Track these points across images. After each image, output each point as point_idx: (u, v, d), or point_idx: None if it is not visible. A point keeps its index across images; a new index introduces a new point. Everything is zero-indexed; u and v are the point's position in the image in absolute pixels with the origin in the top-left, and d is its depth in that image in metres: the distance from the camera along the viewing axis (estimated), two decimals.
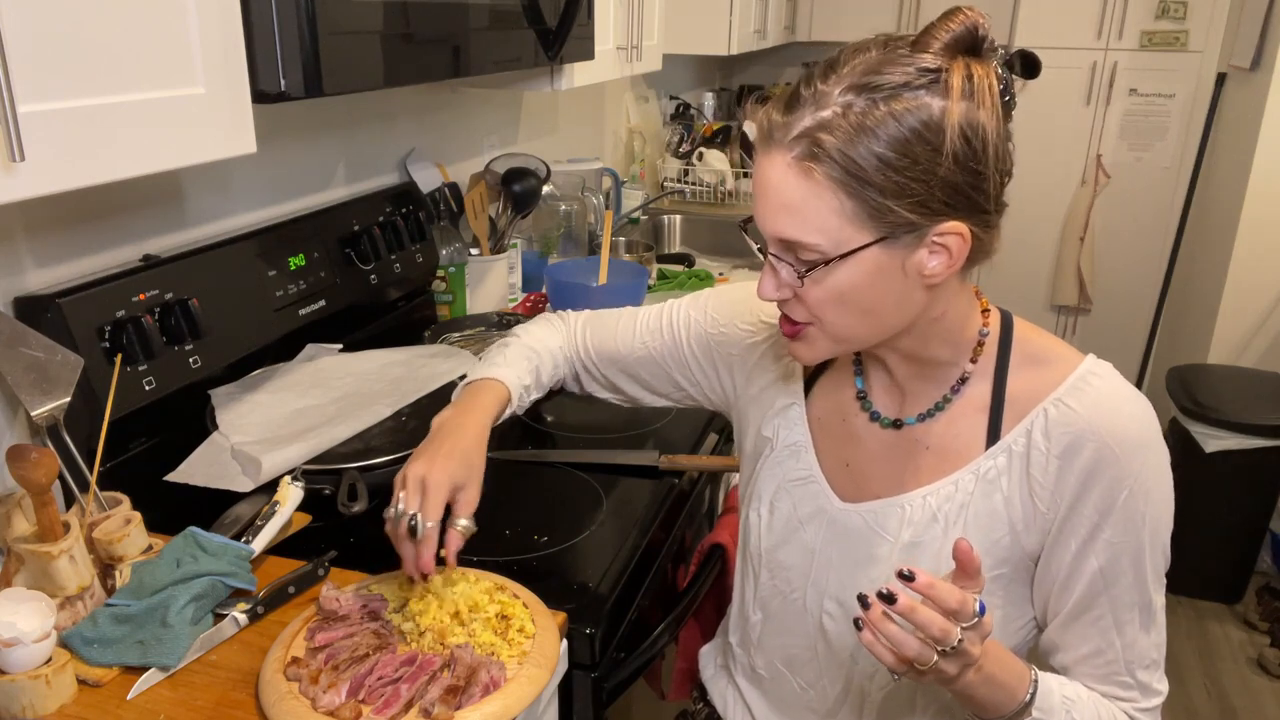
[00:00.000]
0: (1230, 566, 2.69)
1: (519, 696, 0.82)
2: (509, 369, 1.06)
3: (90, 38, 0.74)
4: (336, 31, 0.97)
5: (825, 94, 0.76)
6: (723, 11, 2.90)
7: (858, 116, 0.74)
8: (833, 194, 0.76)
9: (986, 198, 0.78)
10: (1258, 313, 2.98)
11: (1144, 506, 0.82)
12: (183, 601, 0.90)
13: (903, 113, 0.74)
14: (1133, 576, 0.83)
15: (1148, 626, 0.85)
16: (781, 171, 0.78)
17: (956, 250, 0.78)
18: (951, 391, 0.89)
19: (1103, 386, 0.83)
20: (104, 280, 1.12)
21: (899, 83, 0.75)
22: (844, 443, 0.95)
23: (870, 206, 0.76)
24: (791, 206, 0.78)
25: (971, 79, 0.75)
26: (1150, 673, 0.86)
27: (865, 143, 0.74)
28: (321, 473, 1.14)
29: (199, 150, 0.86)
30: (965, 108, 0.75)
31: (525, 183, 1.92)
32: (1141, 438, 0.82)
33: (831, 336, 0.84)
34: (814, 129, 0.75)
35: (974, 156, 0.76)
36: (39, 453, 0.88)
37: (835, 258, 0.78)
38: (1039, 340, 0.89)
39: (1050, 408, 0.84)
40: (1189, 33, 3.41)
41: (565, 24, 1.45)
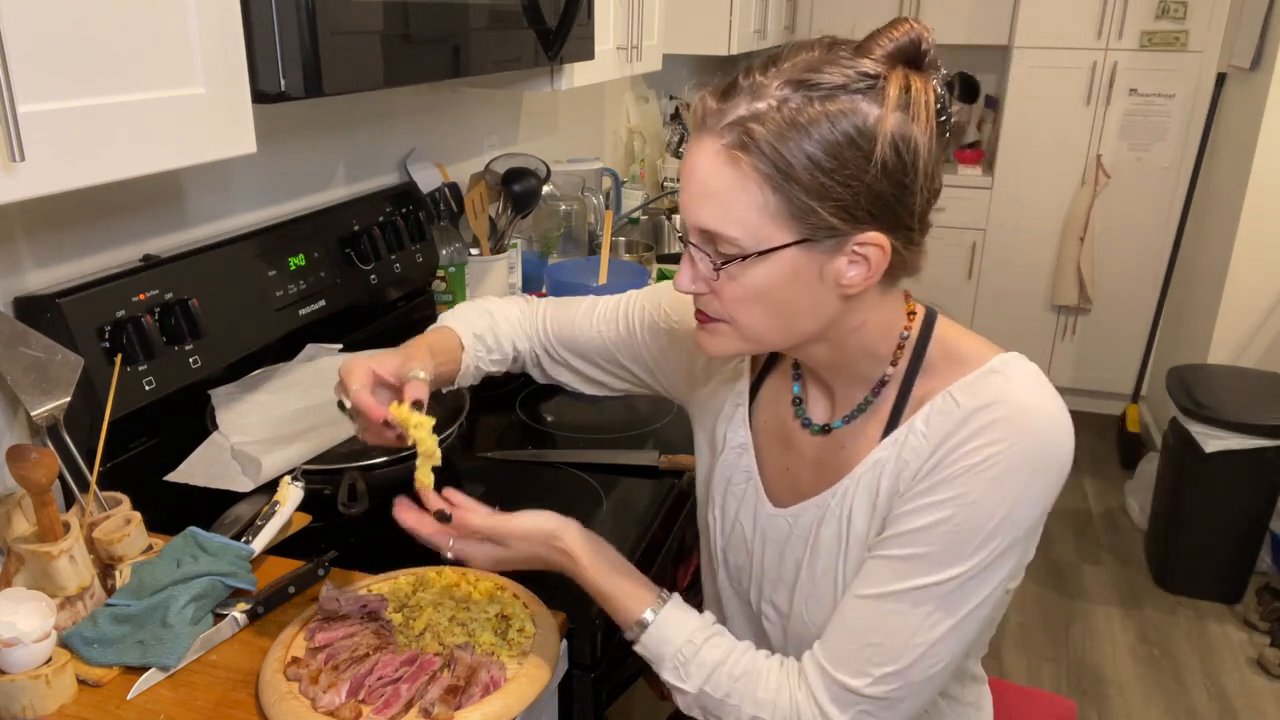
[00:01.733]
0: (1230, 566, 2.69)
1: (519, 696, 0.82)
2: (457, 320, 1.10)
3: (90, 38, 0.74)
4: (336, 31, 0.97)
5: (762, 86, 0.76)
6: (723, 11, 2.90)
7: (792, 112, 0.74)
8: (758, 187, 0.75)
9: (910, 214, 0.77)
10: (1258, 313, 2.99)
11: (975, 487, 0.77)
12: (183, 601, 0.90)
13: (837, 114, 0.73)
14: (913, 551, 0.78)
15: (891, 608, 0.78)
16: (709, 158, 0.77)
17: (875, 262, 0.77)
18: (873, 394, 0.88)
19: (1006, 378, 0.80)
20: (104, 280, 1.11)
21: (837, 84, 0.74)
22: (784, 448, 0.95)
23: (794, 205, 0.75)
24: (715, 195, 0.77)
25: (909, 91, 0.75)
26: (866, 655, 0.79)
27: (796, 139, 0.73)
28: (321, 473, 1.14)
29: (199, 150, 0.86)
30: (899, 119, 0.74)
31: (525, 183, 1.92)
32: (1026, 426, 0.77)
33: (742, 335, 0.83)
34: (746, 119, 0.75)
35: (903, 169, 0.75)
36: (39, 453, 0.88)
37: (753, 254, 0.77)
38: (957, 339, 0.86)
39: (939, 399, 0.82)
40: (1189, 33, 3.41)
41: (565, 24, 1.45)
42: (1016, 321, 3.81)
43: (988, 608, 0.80)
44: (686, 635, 0.85)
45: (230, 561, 0.97)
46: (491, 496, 1.07)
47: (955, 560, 0.78)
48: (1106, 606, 2.69)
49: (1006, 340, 0.84)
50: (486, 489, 1.28)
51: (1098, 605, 2.70)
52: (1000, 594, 0.81)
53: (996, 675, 2.12)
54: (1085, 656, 2.49)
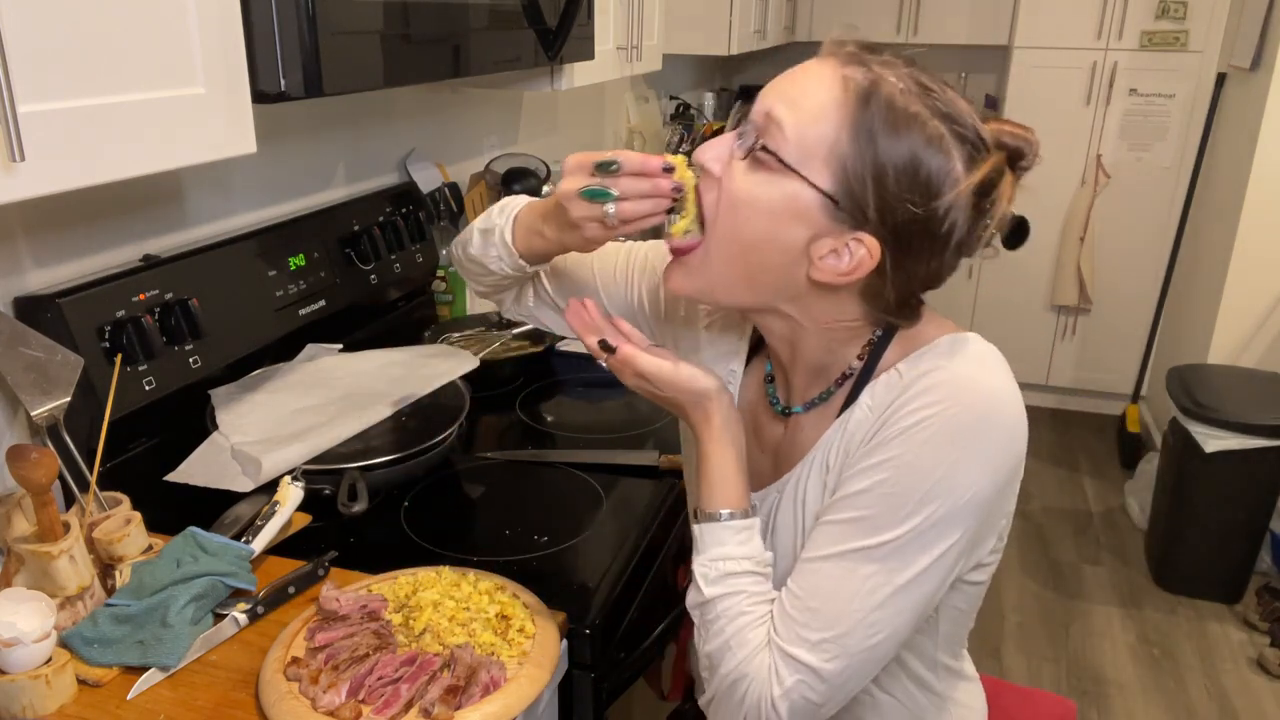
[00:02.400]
0: (1230, 566, 2.69)
1: (519, 696, 0.82)
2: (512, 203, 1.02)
3: (90, 38, 0.74)
4: (336, 31, 0.97)
5: (896, 66, 0.77)
6: (723, 11, 2.90)
7: (911, 101, 0.74)
8: (844, 128, 0.74)
9: (914, 262, 0.77)
10: (1258, 313, 2.98)
11: (907, 449, 0.76)
12: (183, 601, 0.90)
13: (936, 138, 0.74)
14: (854, 514, 0.78)
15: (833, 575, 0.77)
16: (826, 73, 0.77)
17: (857, 263, 0.77)
18: (835, 385, 0.87)
19: (949, 350, 0.80)
20: (104, 280, 1.12)
21: (949, 112, 0.75)
22: (756, 431, 0.96)
23: (853, 167, 0.74)
24: (799, 102, 0.76)
25: (996, 182, 0.76)
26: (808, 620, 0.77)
27: (899, 124, 0.74)
28: (321, 473, 1.14)
29: (199, 150, 0.86)
30: (969, 196, 0.75)
31: (525, 183, 1.92)
32: (966, 393, 0.76)
33: (707, 265, 0.81)
34: (881, 74, 0.76)
35: (940, 229, 0.75)
36: (39, 453, 0.88)
37: (789, 165, 0.76)
38: (920, 326, 0.85)
39: (886, 374, 0.82)
40: (1189, 33, 3.41)
41: (565, 24, 1.45)
42: (1016, 321, 3.81)
43: (932, 584, 0.78)
44: (743, 552, 0.83)
45: (230, 561, 0.97)
46: (491, 496, 1.08)
47: (891, 524, 0.76)
48: (1106, 606, 2.69)
49: (1006, 340, 0.83)
50: (486, 489, 1.28)
51: (1098, 605, 2.70)
52: (950, 576, 0.79)
53: (996, 675, 2.12)
54: (1085, 656, 2.49)
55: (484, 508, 1.24)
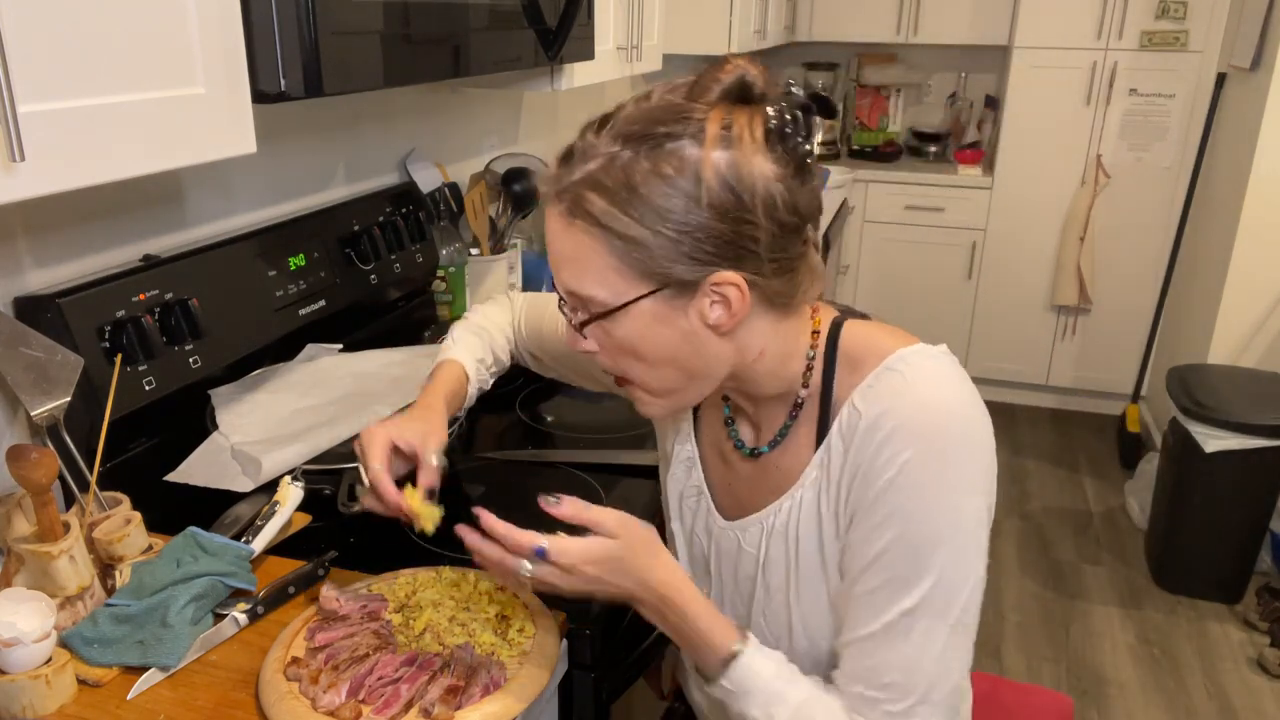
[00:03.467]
0: (1230, 566, 2.69)
1: (519, 696, 0.82)
2: (458, 349, 1.12)
3: (90, 38, 0.74)
4: (336, 31, 0.97)
5: (593, 146, 0.76)
6: (723, 11, 2.90)
7: (618, 170, 0.74)
8: (598, 248, 0.76)
9: (759, 245, 0.76)
10: (1258, 313, 2.98)
11: (909, 501, 0.77)
12: (183, 601, 0.90)
13: (660, 163, 0.73)
14: (885, 577, 0.79)
15: (895, 640, 0.78)
16: (555, 226, 0.79)
17: (735, 301, 0.77)
18: (790, 417, 0.88)
19: (900, 376, 0.80)
20: (104, 280, 1.12)
21: (664, 133, 0.74)
22: (724, 467, 0.97)
23: (635, 260, 0.75)
24: (568, 259, 0.79)
25: (730, 127, 0.74)
26: (890, 694, 0.78)
27: (624, 197, 0.74)
28: (321, 473, 1.14)
29: (199, 150, 0.86)
30: (725, 156, 0.73)
31: (525, 183, 1.92)
32: (924, 425, 0.77)
33: (651, 391, 0.85)
34: (578, 184, 0.76)
35: (739, 205, 0.74)
36: (39, 453, 0.88)
37: (612, 309, 0.78)
38: (859, 340, 0.85)
39: (847, 408, 0.82)
40: (1189, 33, 3.41)
41: (565, 24, 1.45)
42: (1016, 321, 3.81)
43: (976, 604, 0.80)
44: (774, 670, 0.82)
45: (230, 561, 0.97)
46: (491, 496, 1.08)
47: (919, 574, 0.77)
48: (1106, 606, 2.69)
49: (1006, 340, 0.84)
50: (486, 489, 1.28)
51: (1097, 605, 2.70)
52: (983, 584, 0.81)
53: (996, 674, 2.12)
54: (1085, 656, 2.49)
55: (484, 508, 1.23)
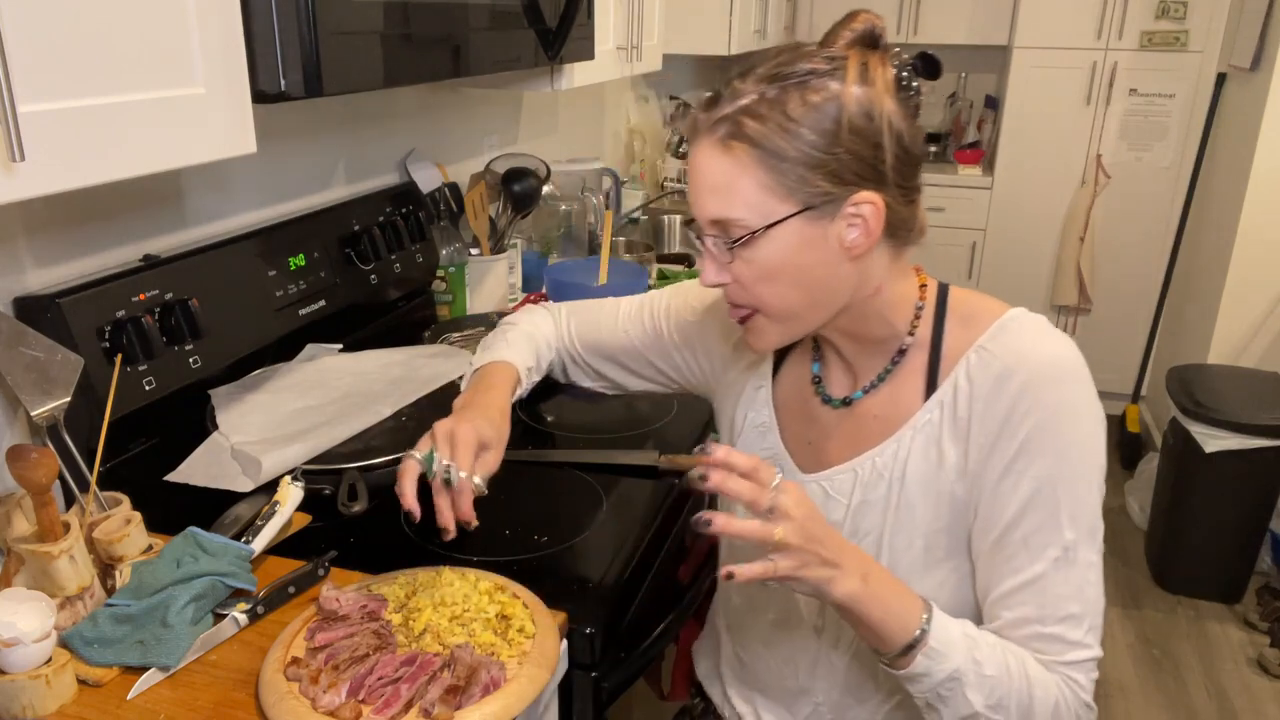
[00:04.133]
0: (1230, 566, 2.69)
1: (519, 696, 0.82)
2: (513, 351, 1.14)
3: (90, 38, 0.74)
4: (336, 31, 0.97)
5: (741, 88, 0.85)
6: (723, 11, 2.90)
7: (772, 101, 0.83)
8: (754, 168, 0.83)
9: (894, 172, 0.84)
10: (1258, 313, 2.98)
11: (1059, 441, 0.84)
12: (183, 601, 0.90)
13: (809, 94, 0.82)
14: (1046, 514, 0.84)
15: (1064, 573, 0.84)
16: (707, 155, 0.85)
17: (872, 220, 0.84)
18: (891, 363, 0.94)
19: (1020, 329, 0.88)
20: (104, 280, 1.12)
21: (806, 71, 0.83)
22: (805, 423, 1.01)
23: (788, 178, 0.82)
24: (718, 186, 0.85)
25: (867, 66, 0.84)
26: (1069, 626, 0.85)
27: (777, 119, 0.82)
28: (321, 473, 1.14)
29: (199, 150, 0.86)
30: (861, 90, 0.83)
31: (525, 183, 1.92)
32: (1057, 373, 0.85)
33: (776, 318, 0.90)
34: (733, 113, 0.84)
35: (875, 131, 0.83)
36: (39, 453, 0.88)
37: (761, 229, 0.84)
38: (971, 300, 0.93)
39: (973, 354, 0.89)
40: (1189, 33, 3.41)
41: (565, 24, 1.45)
42: None
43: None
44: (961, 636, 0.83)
45: (230, 561, 0.97)
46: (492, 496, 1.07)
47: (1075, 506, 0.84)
48: (1106, 606, 2.69)
49: None
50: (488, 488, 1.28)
51: None
52: None
53: None
54: None
55: (484, 508, 1.23)
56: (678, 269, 2.31)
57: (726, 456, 0.78)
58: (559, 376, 1.24)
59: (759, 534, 0.77)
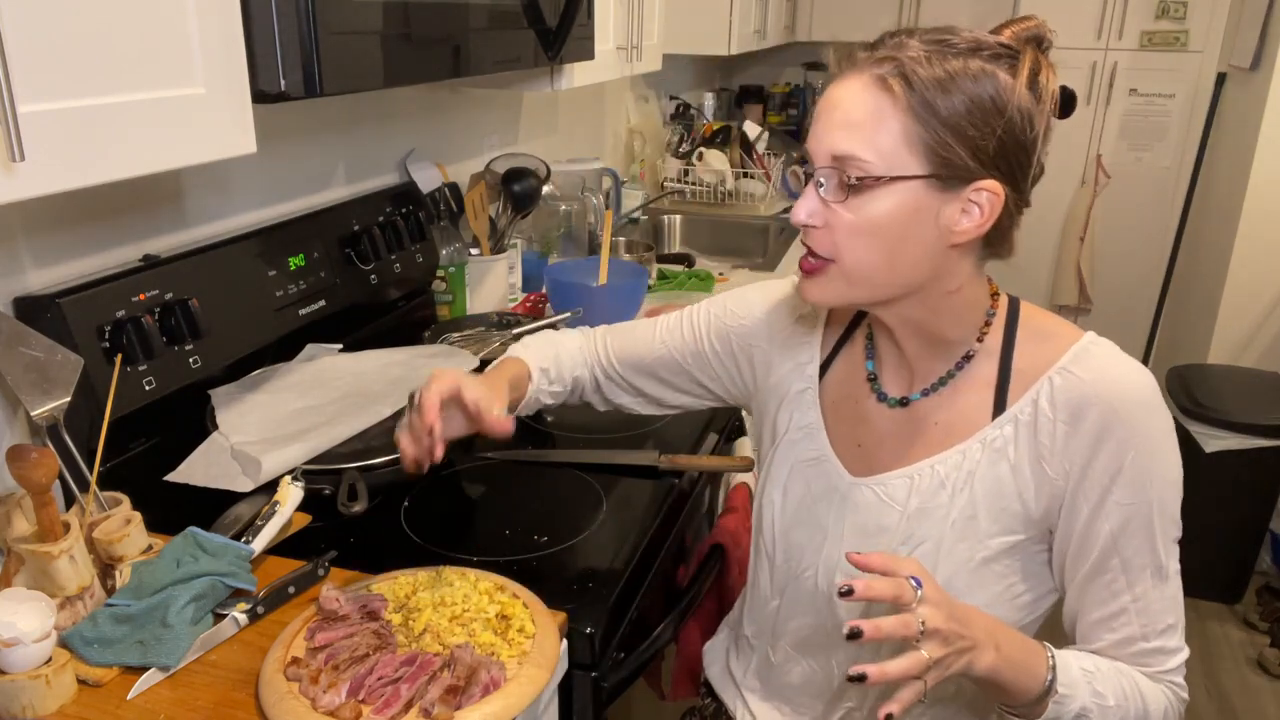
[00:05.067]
0: (1230, 566, 2.69)
1: (519, 696, 0.82)
2: (528, 353, 1.14)
3: (90, 38, 0.74)
4: (336, 31, 0.97)
5: (906, 42, 0.83)
6: (723, 11, 2.90)
7: (940, 60, 0.80)
8: (904, 115, 0.80)
9: (1025, 175, 0.83)
10: (1258, 313, 2.98)
11: (1151, 466, 0.85)
12: (183, 601, 0.90)
13: (977, 70, 0.80)
14: (1143, 538, 0.86)
15: (1160, 589, 0.88)
16: (858, 89, 0.82)
17: (988, 210, 0.82)
18: (956, 368, 0.92)
19: (1104, 355, 0.87)
20: (104, 280, 1.11)
21: (972, 46, 0.82)
22: (855, 424, 0.98)
23: (934, 138, 0.80)
24: (855, 123, 0.82)
25: (1039, 72, 0.82)
26: (1167, 637, 0.89)
27: (943, 80, 0.80)
28: (321, 473, 1.14)
29: (199, 150, 0.86)
30: (1029, 93, 0.81)
31: (525, 183, 1.92)
32: (1145, 401, 0.84)
33: (847, 276, 0.86)
34: (901, 57, 0.81)
35: (1026, 132, 0.81)
36: (39, 453, 0.88)
37: (886, 178, 0.81)
38: (1043, 318, 0.92)
39: (1055, 376, 0.86)
40: (1189, 33, 3.41)
41: (565, 24, 1.45)
42: None
43: None
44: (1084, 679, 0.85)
45: (230, 562, 0.97)
46: (491, 496, 1.08)
47: (1166, 525, 0.88)
48: None
49: None
50: (486, 489, 1.28)
51: None
52: None
53: None
54: None
55: (484, 508, 1.24)
56: (678, 269, 2.31)
57: (866, 588, 0.75)
58: (594, 399, 1.20)
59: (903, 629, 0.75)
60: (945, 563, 0.90)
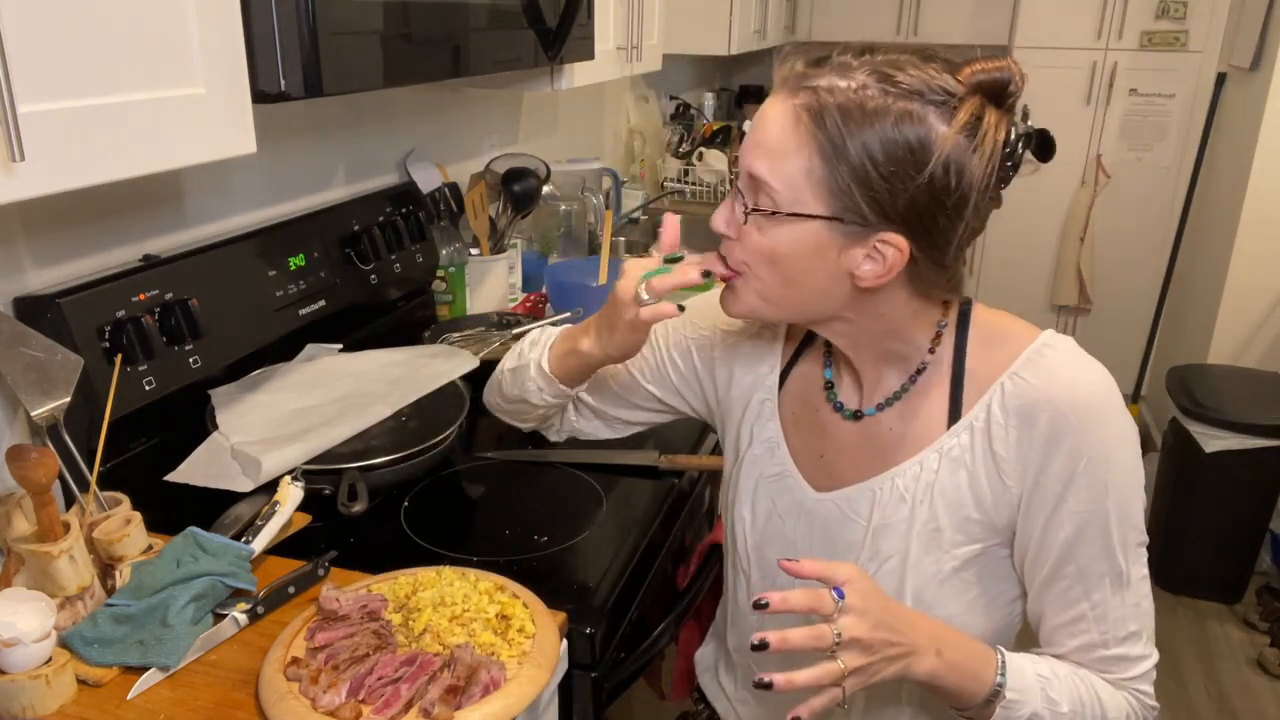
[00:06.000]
0: (1230, 566, 2.69)
1: (519, 696, 0.82)
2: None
3: (90, 38, 0.74)
4: (336, 31, 0.97)
5: (849, 67, 0.79)
6: (723, 11, 2.90)
7: (866, 98, 0.77)
8: (810, 153, 0.78)
9: (941, 235, 0.80)
10: (1258, 313, 2.98)
11: (1105, 474, 0.82)
12: (183, 601, 0.90)
13: (904, 115, 0.76)
14: (1099, 546, 0.84)
15: (1120, 596, 0.85)
16: (778, 111, 0.81)
17: (891, 263, 0.79)
18: (910, 380, 0.90)
19: (1057, 358, 0.85)
20: (104, 280, 1.12)
21: (915, 88, 0.77)
22: (816, 435, 0.97)
23: (836, 182, 0.78)
24: (769, 147, 0.80)
25: (980, 120, 0.77)
26: (1130, 644, 0.86)
27: (860, 123, 0.76)
28: (321, 473, 1.14)
29: (199, 150, 0.86)
30: (960, 143, 0.76)
31: (525, 183, 1.92)
32: (1097, 406, 0.82)
33: (756, 293, 0.86)
34: (824, 88, 0.78)
35: (947, 191, 0.77)
36: (39, 453, 0.88)
37: (784, 213, 0.80)
38: (995, 320, 0.90)
39: (1006, 381, 0.85)
40: (1189, 33, 3.41)
41: (565, 24, 1.45)
42: None
43: None
44: (1025, 657, 0.85)
45: (230, 562, 0.97)
46: (491, 496, 1.08)
47: (1125, 530, 0.84)
48: None
49: None
50: (486, 489, 1.28)
51: None
52: None
53: None
54: None
55: (484, 508, 1.24)
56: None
57: (782, 600, 0.74)
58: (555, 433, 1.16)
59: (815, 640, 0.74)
60: (913, 576, 0.89)
